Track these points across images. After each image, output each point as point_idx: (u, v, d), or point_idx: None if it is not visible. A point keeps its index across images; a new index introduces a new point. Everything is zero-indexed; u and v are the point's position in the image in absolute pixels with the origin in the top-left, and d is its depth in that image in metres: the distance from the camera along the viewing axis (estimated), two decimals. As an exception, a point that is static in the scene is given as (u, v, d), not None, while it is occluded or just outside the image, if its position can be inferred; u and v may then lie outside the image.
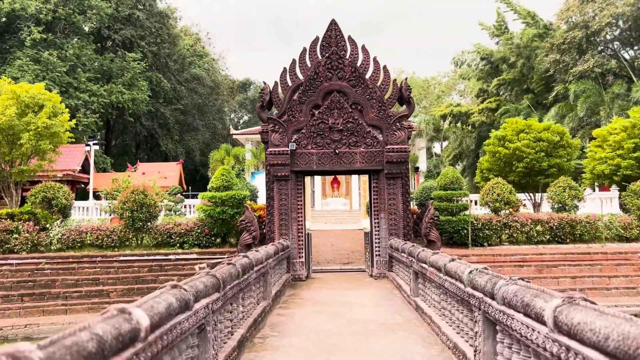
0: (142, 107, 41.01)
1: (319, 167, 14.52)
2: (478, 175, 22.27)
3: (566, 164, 20.54)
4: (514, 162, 20.38)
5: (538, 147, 19.92)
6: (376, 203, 14.79)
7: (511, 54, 48.33)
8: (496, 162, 21.19)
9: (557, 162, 20.12)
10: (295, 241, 14.54)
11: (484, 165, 21.88)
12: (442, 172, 18.57)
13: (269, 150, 14.34)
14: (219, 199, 16.31)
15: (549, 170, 20.28)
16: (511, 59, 48.28)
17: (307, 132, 14.56)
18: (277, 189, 14.54)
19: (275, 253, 11.03)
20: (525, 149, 19.88)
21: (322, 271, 16.53)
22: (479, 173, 22.35)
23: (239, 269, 6.72)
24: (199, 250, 16.49)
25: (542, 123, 21.22)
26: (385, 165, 14.32)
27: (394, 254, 12.94)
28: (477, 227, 17.75)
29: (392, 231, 14.44)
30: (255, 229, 14.86)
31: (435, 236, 15.08)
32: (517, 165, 20.25)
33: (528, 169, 20.18)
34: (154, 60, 46.22)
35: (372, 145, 14.57)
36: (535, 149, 19.93)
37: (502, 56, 48.95)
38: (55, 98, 19.31)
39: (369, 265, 15.26)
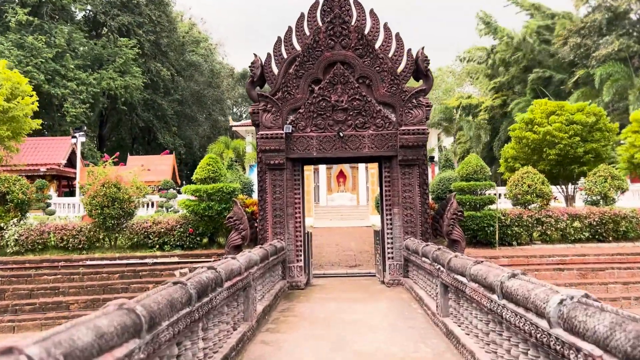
0: (137, 95, 38.87)
1: (320, 153, 12.27)
2: (502, 165, 19.89)
3: (603, 150, 18.11)
4: (545, 148, 17.99)
5: (572, 131, 17.53)
6: (388, 196, 12.51)
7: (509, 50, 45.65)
8: (523, 149, 18.81)
9: (593, 148, 17.70)
10: (292, 242, 12.29)
11: (509, 153, 19.49)
12: (464, 160, 16.23)
13: (260, 133, 12.09)
14: (204, 192, 14.10)
15: (585, 158, 17.88)
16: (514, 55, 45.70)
17: (305, 112, 12.29)
18: (271, 180, 12.29)
19: (264, 259, 8.79)
20: (557, 133, 17.49)
21: (324, 276, 14.29)
22: (502, 162, 19.95)
23: (190, 291, 4.49)
24: (182, 252, 14.29)
25: (575, 104, 18.78)
26: (399, 151, 12.03)
27: (411, 257, 10.67)
28: (505, 224, 15.43)
29: (408, 229, 12.16)
30: (244, 227, 12.64)
31: (459, 235, 12.78)
32: (548, 153, 17.86)
33: (561, 156, 17.79)
34: (152, 49, 44.08)
35: (383, 127, 12.28)
36: (569, 133, 17.53)
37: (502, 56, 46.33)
38: (17, 78, 17.11)
39: (380, 269, 12.99)
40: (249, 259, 7.52)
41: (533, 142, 18.10)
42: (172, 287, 4.32)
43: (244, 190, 17.97)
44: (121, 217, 14.24)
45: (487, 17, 47.73)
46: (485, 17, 48.08)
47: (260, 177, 12.75)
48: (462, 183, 15.68)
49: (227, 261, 6.59)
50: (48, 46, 32.42)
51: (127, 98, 38.33)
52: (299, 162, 12.61)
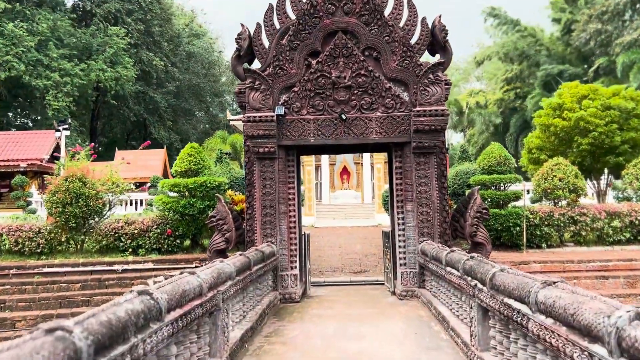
0: (128, 87, 37.05)
1: (318, 139, 10.38)
2: (525, 157, 17.93)
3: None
4: (576, 137, 16.03)
5: (608, 117, 15.56)
6: (400, 191, 10.61)
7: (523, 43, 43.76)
8: (549, 138, 16.84)
9: (632, 137, 15.72)
10: (285, 245, 10.41)
11: (534, 142, 17.50)
12: (485, 150, 14.32)
13: (246, 116, 10.21)
14: (184, 187, 12.24)
15: (621, 148, 15.92)
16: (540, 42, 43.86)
17: (300, 91, 10.41)
18: (260, 172, 10.42)
19: (243, 270, 6.91)
20: (592, 119, 15.52)
21: (325, 284, 12.42)
22: (525, 154, 17.99)
23: (79, 344, 2.59)
24: (158, 257, 12.44)
25: (610, 87, 16.79)
26: (414, 136, 10.13)
27: (430, 265, 8.77)
28: (533, 223, 13.51)
29: (424, 230, 10.26)
30: (229, 227, 10.76)
31: (484, 237, 10.87)
32: (579, 142, 15.90)
33: (594, 145, 15.83)
34: (144, 38, 42.25)
35: (393, 108, 10.38)
36: (605, 120, 15.56)
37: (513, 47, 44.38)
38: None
39: (390, 277, 11.10)
40: (217, 273, 5.64)
41: (562, 130, 16.12)
42: (40, 340, 2.44)
43: (235, 185, 16.10)
44: (87, 217, 12.39)
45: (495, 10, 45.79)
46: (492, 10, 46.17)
47: (248, 169, 10.87)
48: (484, 176, 13.76)
49: (180, 278, 4.72)
50: (30, 34, 30.61)
51: (118, 90, 36.52)
52: (293, 150, 10.72)
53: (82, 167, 12.76)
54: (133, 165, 30.78)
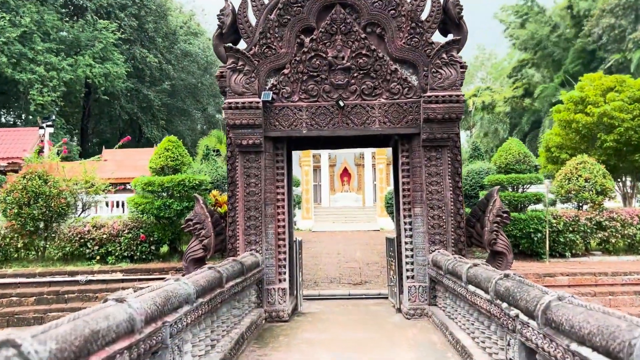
0: (118, 84, 35.56)
1: (312, 130, 8.94)
2: (542, 155, 16.45)
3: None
4: (600, 134, 14.55)
5: (637, 111, 14.09)
6: (407, 191, 9.15)
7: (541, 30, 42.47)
8: (569, 135, 15.36)
9: (663, 134, 14.27)
10: (272, 254, 8.95)
11: (553, 140, 16.01)
12: (502, 147, 12.86)
13: (227, 102, 8.76)
14: (159, 186, 10.79)
15: (649, 145, 14.46)
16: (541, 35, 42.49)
17: (291, 73, 8.97)
18: (243, 168, 8.96)
19: (207, 290, 5.44)
20: (617, 114, 14.05)
21: (320, 298, 10.96)
22: (543, 153, 16.49)
23: None
24: (130, 266, 10.97)
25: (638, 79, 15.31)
26: (423, 126, 8.67)
27: (444, 280, 7.30)
28: (557, 229, 12.04)
29: (436, 237, 8.79)
30: (207, 233, 9.30)
31: (504, 245, 9.39)
32: (604, 139, 14.43)
33: (621, 143, 14.35)
34: (137, 34, 40.85)
35: (400, 93, 8.94)
36: (633, 114, 14.09)
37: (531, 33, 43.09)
38: None
39: (395, 292, 9.63)
40: (165, 298, 4.19)
41: (584, 126, 14.65)
42: None
43: (222, 185, 14.64)
44: (48, 219, 10.94)
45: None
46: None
47: (231, 165, 9.42)
48: (500, 176, 12.30)
49: (95, 311, 3.25)
50: (13, 25, 29.18)
51: (107, 87, 35.05)
52: (282, 142, 9.27)
53: (45, 163, 11.32)
54: (122, 165, 29.35)
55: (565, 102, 15.46)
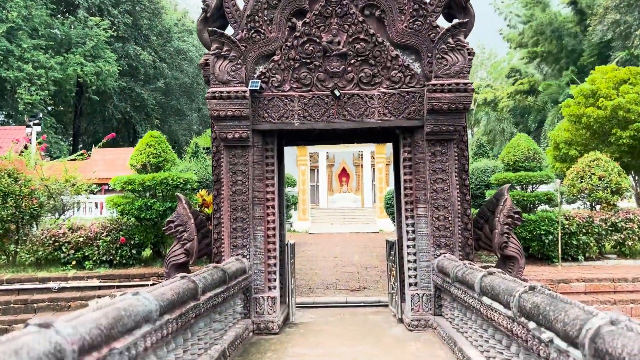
0: (111, 82, 34.75)
1: (305, 122, 8.16)
2: (550, 153, 15.66)
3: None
4: (614, 129, 13.77)
5: (654, 104, 13.34)
6: (409, 190, 8.38)
7: (547, 27, 41.86)
8: (579, 131, 14.58)
9: (681, 129, 13.48)
10: (261, 259, 8.15)
11: (562, 136, 15.21)
12: (510, 143, 12.08)
13: (211, 91, 7.97)
14: (140, 184, 10.00)
15: (666, 142, 13.69)
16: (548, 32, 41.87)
17: (282, 60, 8.19)
18: (228, 164, 8.17)
19: (177, 304, 4.64)
20: (633, 107, 13.27)
21: (314, 306, 10.17)
22: (551, 151, 15.69)
23: None
24: (108, 271, 10.17)
25: (652, 71, 14.56)
26: (427, 118, 7.89)
27: (452, 289, 6.51)
28: (569, 231, 11.27)
29: (441, 240, 8.00)
30: (190, 236, 8.51)
31: (516, 249, 8.61)
32: (619, 135, 13.65)
33: (636, 139, 13.57)
34: (131, 31, 40.06)
35: (401, 82, 8.16)
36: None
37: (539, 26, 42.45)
38: None
39: (396, 301, 8.84)
40: (115, 318, 3.39)
41: (596, 121, 13.86)
42: None
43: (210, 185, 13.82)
44: (19, 221, 10.14)
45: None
46: None
47: (216, 161, 8.64)
48: (508, 174, 11.53)
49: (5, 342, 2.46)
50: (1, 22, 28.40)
51: (99, 86, 34.25)
52: (272, 136, 8.48)
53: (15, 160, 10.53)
54: (112, 164, 28.53)
55: (575, 96, 14.69)
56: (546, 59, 42.66)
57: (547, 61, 43.81)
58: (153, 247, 11.01)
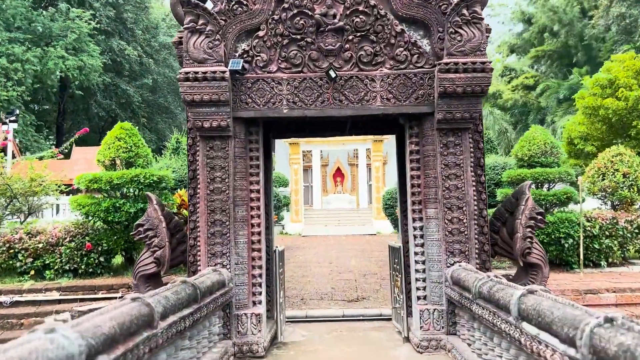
0: (94, 77, 33.43)
1: (295, 109, 7.04)
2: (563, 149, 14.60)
3: None
4: (635, 121, 12.73)
5: (677, 96, 12.33)
6: (417, 187, 7.26)
7: (551, 22, 41.04)
8: (595, 124, 13.54)
9: None
10: (244, 270, 7.02)
11: (577, 130, 14.16)
12: (524, 136, 11.02)
13: (184, 71, 6.83)
14: (108, 182, 8.84)
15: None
16: (554, 27, 41.03)
17: (268, 36, 7.07)
18: (205, 158, 7.03)
19: (122, 338, 3.49)
20: (657, 98, 12.29)
21: (307, 320, 9.05)
22: (564, 146, 14.65)
23: None
24: (72, 282, 9.00)
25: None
26: (439, 103, 6.79)
27: (473, 307, 5.40)
28: (591, 234, 10.21)
29: (455, 247, 6.90)
30: (161, 242, 7.37)
31: (539, 255, 7.52)
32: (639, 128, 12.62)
33: (658, 133, 12.60)
34: (115, 25, 38.78)
35: (407, 62, 7.06)
36: (673, 99, 12.34)
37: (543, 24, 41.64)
38: None
39: (402, 316, 7.72)
40: None
41: (616, 114, 12.82)
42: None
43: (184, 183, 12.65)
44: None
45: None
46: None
47: (192, 155, 7.49)
48: (523, 170, 10.46)
49: None
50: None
51: (83, 81, 32.94)
52: (256, 125, 7.35)
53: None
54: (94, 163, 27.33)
55: (590, 87, 13.65)
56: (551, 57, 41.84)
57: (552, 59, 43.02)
58: (125, 254, 9.86)
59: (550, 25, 41.23)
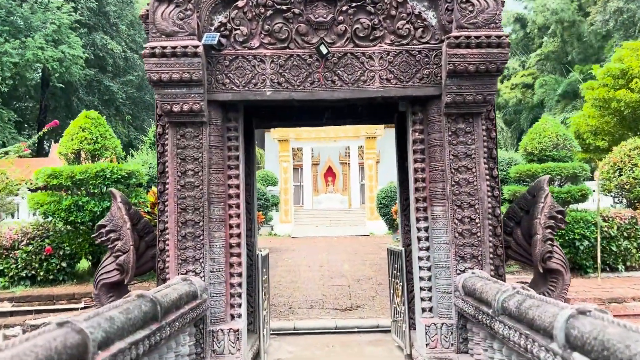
0: (76, 70, 32.28)
1: (280, 91, 6.09)
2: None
3: None
4: (650, 114, 11.95)
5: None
6: (421, 182, 6.33)
7: (547, 22, 40.45)
8: (606, 117, 12.71)
9: None
10: (220, 278, 6.07)
11: (587, 124, 13.32)
12: (534, 127, 10.16)
13: (150, 46, 5.86)
14: (69, 178, 7.84)
15: None
16: (551, 27, 40.45)
17: (249, 7, 6.12)
18: (175, 148, 6.06)
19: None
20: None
21: (295, 333, 8.11)
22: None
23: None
24: (28, 290, 7.97)
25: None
26: (448, 84, 5.87)
27: (497, 325, 4.47)
28: (608, 235, 9.36)
29: (466, 251, 5.98)
30: (124, 246, 6.40)
31: (560, 260, 6.62)
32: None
33: (675, 126, 11.80)
34: (98, 19, 37.66)
35: (410, 36, 6.14)
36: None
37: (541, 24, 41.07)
38: None
39: (404, 330, 6.81)
40: None
41: (629, 106, 11.98)
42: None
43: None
44: None
45: None
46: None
47: (161, 146, 6.53)
48: (533, 165, 9.61)
49: None
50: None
51: (63, 74, 31.79)
52: (235, 110, 6.40)
53: None
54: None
55: (600, 78, 12.82)
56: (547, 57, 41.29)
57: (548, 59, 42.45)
58: (92, 259, 8.86)
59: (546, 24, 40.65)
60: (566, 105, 36.54)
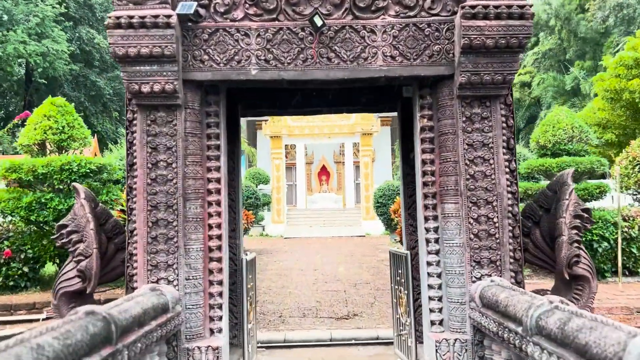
0: (61, 65, 31.31)
1: (268, 69, 5.28)
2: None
3: None
4: (667, 106, 11.21)
5: None
6: (430, 176, 5.54)
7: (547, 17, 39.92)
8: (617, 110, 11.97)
9: None
10: (197, 287, 5.26)
11: (595, 117, 12.57)
12: (546, 119, 9.40)
13: (115, 15, 5.04)
14: (30, 172, 6.98)
15: None
16: (550, 22, 39.92)
17: (232, -28, 5.31)
18: (145, 135, 5.25)
19: None
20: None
21: (286, 345, 7.31)
22: (581, 134, 13.11)
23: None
24: (-18, 300, 7.10)
25: None
26: (462, 62, 5.08)
27: (529, 348, 3.67)
28: (629, 236, 8.62)
29: (483, 255, 5.20)
30: (87, 250, 5.59)
31: (587, 266, 5.86)
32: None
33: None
34: (83, 12, 36.69)
35: (418, 7, 5.35)
36: None
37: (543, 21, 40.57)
38: None
39: (409, 345, 6.02)
40: None
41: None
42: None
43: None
44: None
45: None
46: None
47: (131, 134, 5.69)
48: (546, 160, 8.85)
49: None
50: None
51: (47, 69, 30.82)
52: (216, 93, 5.58)
53: None
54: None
55: (612, 68, 12.08)
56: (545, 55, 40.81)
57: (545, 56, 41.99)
58: (58, 262, 8.01)
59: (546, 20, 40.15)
60: (565, 103, 35.99)
